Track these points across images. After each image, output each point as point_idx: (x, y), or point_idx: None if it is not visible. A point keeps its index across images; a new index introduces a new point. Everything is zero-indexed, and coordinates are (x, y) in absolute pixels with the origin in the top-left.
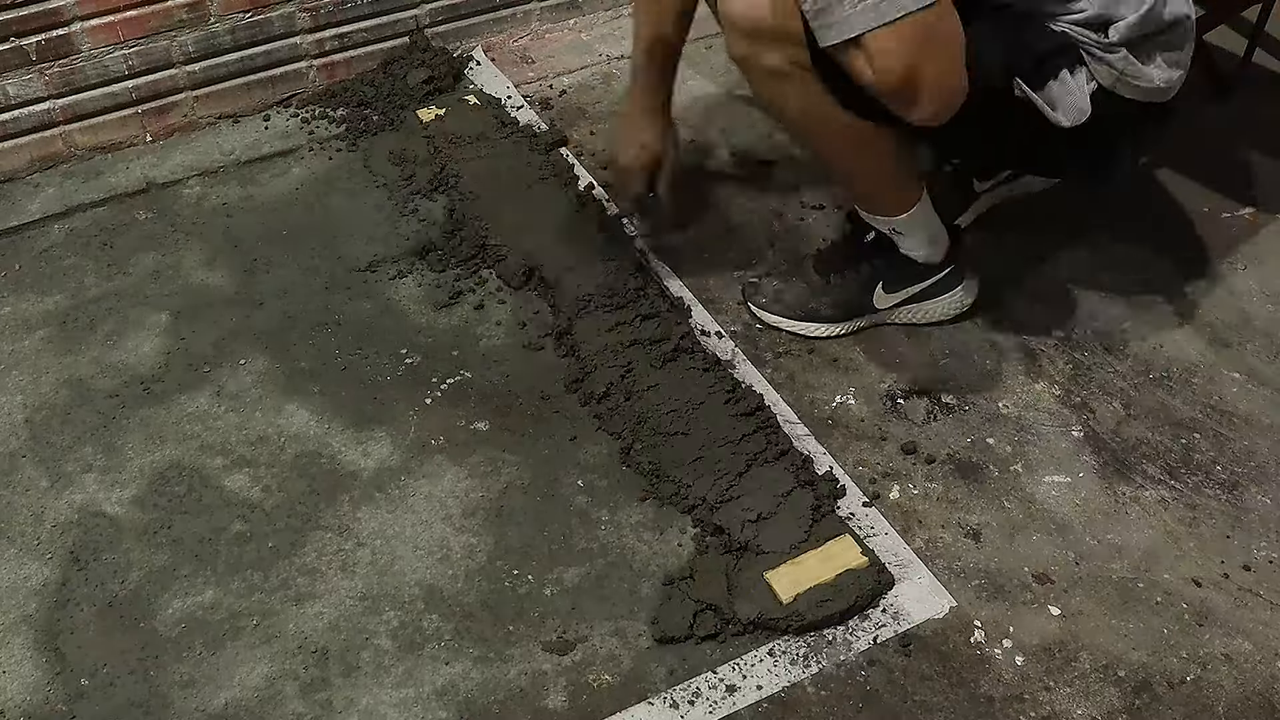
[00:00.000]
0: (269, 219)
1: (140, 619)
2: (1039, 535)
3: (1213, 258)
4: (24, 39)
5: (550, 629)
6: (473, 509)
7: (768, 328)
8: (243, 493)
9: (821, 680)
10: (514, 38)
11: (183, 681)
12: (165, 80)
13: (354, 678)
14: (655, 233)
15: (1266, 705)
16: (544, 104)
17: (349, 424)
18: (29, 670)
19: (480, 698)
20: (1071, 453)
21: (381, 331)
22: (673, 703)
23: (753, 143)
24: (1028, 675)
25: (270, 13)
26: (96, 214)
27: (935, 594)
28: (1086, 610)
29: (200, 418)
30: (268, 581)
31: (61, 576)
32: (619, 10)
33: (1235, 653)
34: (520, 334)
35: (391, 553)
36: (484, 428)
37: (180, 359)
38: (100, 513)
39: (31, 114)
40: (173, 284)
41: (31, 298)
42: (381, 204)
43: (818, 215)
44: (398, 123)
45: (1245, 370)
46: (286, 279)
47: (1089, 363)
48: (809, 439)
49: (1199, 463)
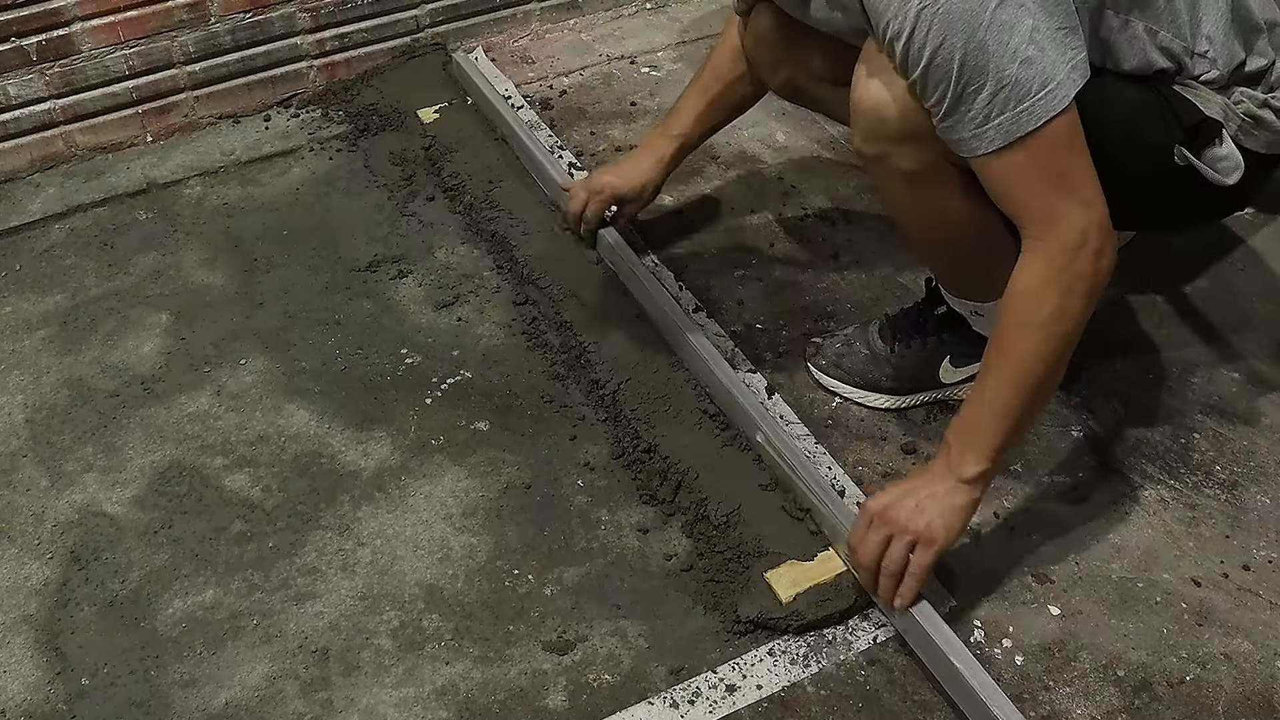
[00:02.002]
0: (269, 219)
1: (141, 619)
2: (1039, 535)
3: (1213, 258)
4: (25, 39)
5: (550, 629)
6: (473, 509)
7: (826, 391)
8: (243, 492)
9: (821, 680)
10: (514, 38)
11: (183, 681)
12: (166, 80)
13: (354, 677)
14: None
15: (1266, 705)
16: (544, 104)
17: (349, 424)
18: (29, 670)
19: (480, 697)
20: (1071, 453)
21: (381, 331)
22: (673, 702)
23: (753, 143)
24: (1027, 675)
25: (270, 13)
26: (97, 214)
27: (935, 594)
28: (1086, 610)
29: (200, 418)
30: (268, 581)
31: (62, 576)
32: (619, 10)
33: (1235, 652)
34: (520, 334)
35: (391, 552)
36: (484, 428)
37: (180, 359)
38: (101, 512)
39: (32, 114)
40: (173, 284)
41: (32, 298)
42: (381, 204)
43: (818, 216)
44: (398, 123)
45: (1245, 370)
46: (287, 279)
47: (1089, 363)
48: (809, 439)
49: (1199, 463)
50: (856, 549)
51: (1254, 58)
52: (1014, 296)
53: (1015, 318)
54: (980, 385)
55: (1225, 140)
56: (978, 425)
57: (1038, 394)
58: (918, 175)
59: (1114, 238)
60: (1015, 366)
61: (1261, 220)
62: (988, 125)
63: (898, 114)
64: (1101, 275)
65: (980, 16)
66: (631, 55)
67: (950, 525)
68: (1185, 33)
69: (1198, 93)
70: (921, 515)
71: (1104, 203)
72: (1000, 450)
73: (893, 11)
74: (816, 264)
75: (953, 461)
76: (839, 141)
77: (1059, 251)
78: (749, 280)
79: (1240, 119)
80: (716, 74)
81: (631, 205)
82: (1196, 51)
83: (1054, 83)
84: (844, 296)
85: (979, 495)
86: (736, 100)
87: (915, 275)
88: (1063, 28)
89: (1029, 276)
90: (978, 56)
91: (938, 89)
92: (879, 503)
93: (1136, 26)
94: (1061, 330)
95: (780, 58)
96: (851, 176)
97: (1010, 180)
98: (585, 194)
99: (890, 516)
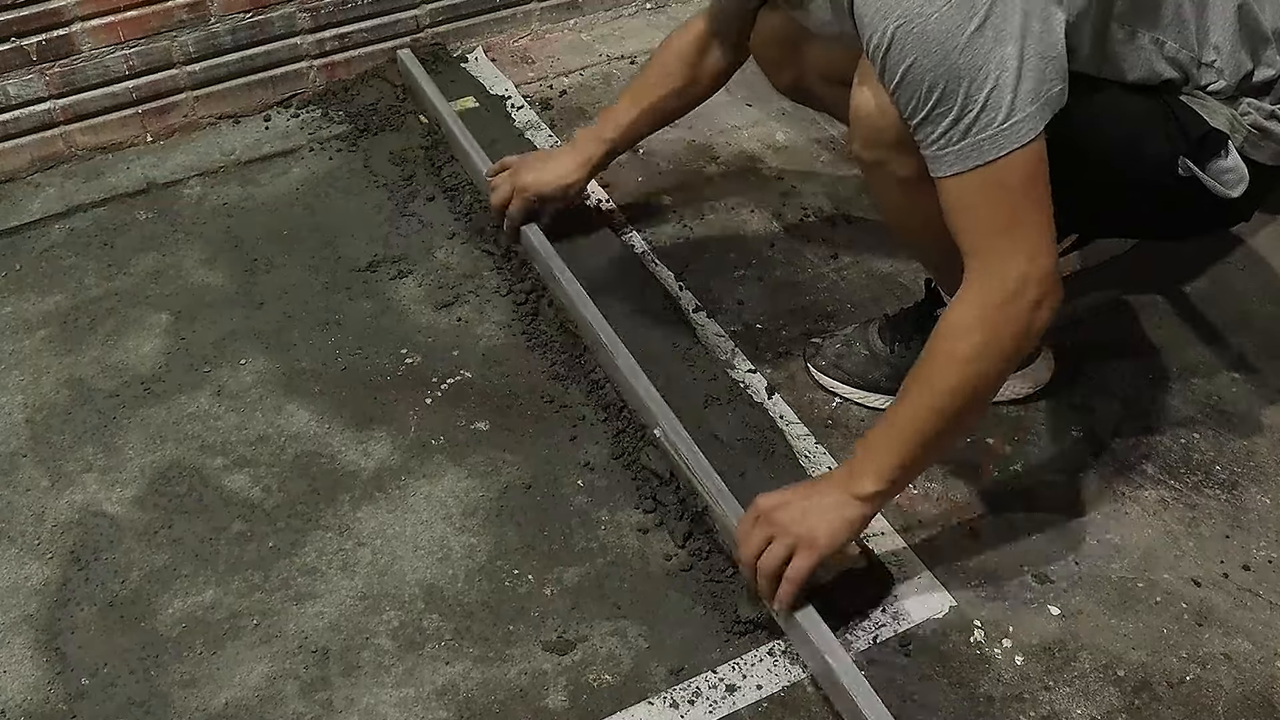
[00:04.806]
0: (269, 219)
1: (140, 619)
2: (1039, 535)
3: (1213, 258)
4: (25, 39)
5: (550, 629)
6: (473, 509)
7: (826, 392)
8: (243, 493)
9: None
10: (514, 38)
11: (183, 681)
12: (166, 80)
13: (354, 677)
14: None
15: (1266, 705)
16: (544, 104)
17: (349, 424)
18: (29, 670)
19: (480, 697)
20: (1071, 453)
21: (381, 331)
22: (673, 702)
23: (753, 143)
24: (1027, 675)
25: (270, 13)
26: (97, 214)
27: (935, 594)
28: (1086, 610)
29: (200, 418)
30: (268, 581)
31: (62, 576)
32: (619, 10)
33: (1235, 652)
34: (520, 334)
35: (391, 552)
36: (484, 428)
37: (180, 359)
38: (101, 512)
39: (32, 114)
40: (173, 284)
41: (32, 298)
42: (381, 204)
43: (818, 216)
44: (398, 123)
45: (1245, 370)
46: (287, 279)
47: (1089, 363)
48: (808, 439)
49: (1199, 462)
50: (739, 544)
51: (1262, 68)
52: (943, 324)
53: (939, 346)
54: (895, 404)
55: (1230, 152)
56: (883, 445)
57: (948, 426)
58: (914, 182)
59: (1058, 289)
60: (930, 395)
61: (1261, 220)
62: (948, 149)
63: (895, 121)
64: (1035, 327)
65: (955, 40)
66: (631, 55)
67: (834, 534)
68: (1192, 43)
69: (1204, 104)
70: (806, 521)
71: (1053, 255)
72: (901, 475)
73: (875, 25)
74: (816, 264)
75: (853, 475)
76: (839, 141)
77: (994, 293)
78: (749, 280)
79: (1246, 130)
80: (660, 80)
81: (553, 204)
82: (1203, 62)
83: (1021, 114)
84: (844, 296)
85: (870, 512)
86: (671, 110)
87: (915, 275)
88: (1043, 57)
89: (960, 311)
90: (948, 80)
91: (909, 106)
92: (769, 501)
93: (1143, 38)
94: (982, 369)
95: (786, 58)
96: (851, 176)
97: (959, 208)
98: (509, 189)
99: (775, 517)
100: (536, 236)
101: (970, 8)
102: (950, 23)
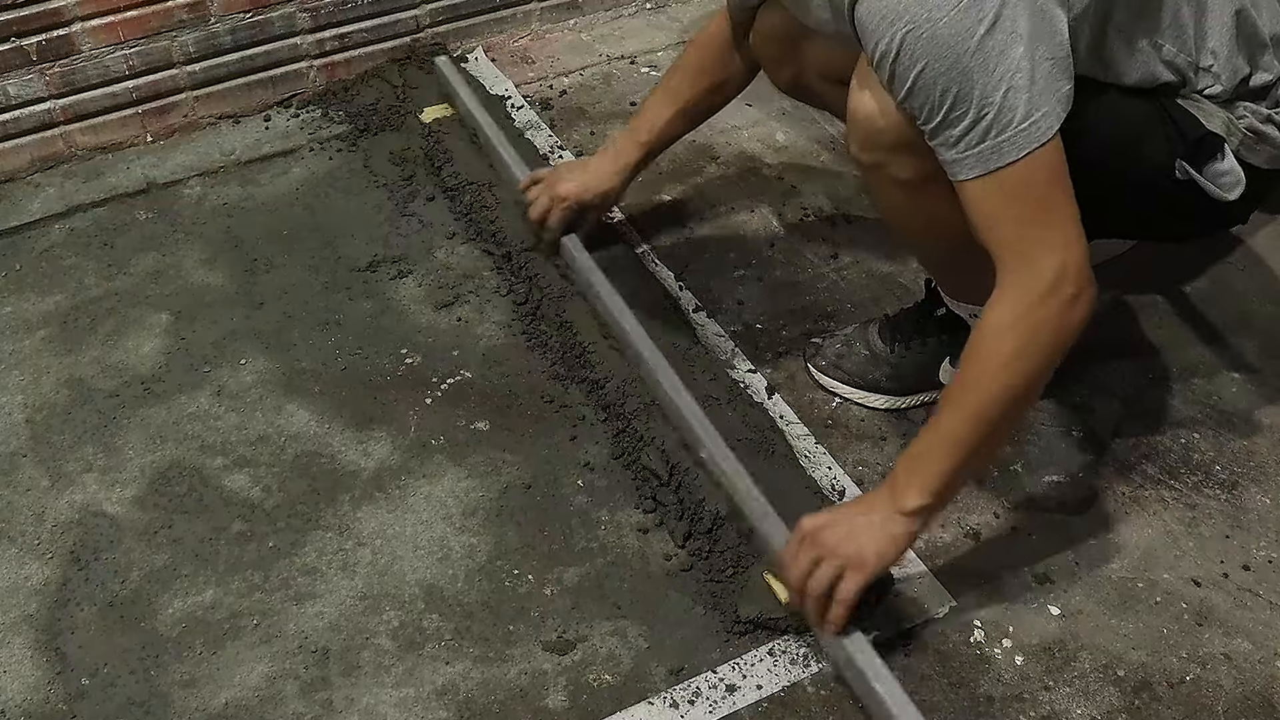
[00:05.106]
0: (269, 219)
1: (140, 619)
2: (1039, 535)
3: (1213, 258)
4: (25, 39)
5: (550, 629)
6: (473, 509)
7: (826, 392)
8: (243, 493)
9: (821, 680)
10: (514, 38)
11: (183, 681)
12: (166, 80)
13: (354, 677)
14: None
15: (1266, 705)
16: (544, 104)
17: (349, 424)
18: (29, 670)
19: (480, 697)
20: (1071, 453)
21: (381, 331)
22: (673, 702)
23: (753, 143)
24: (1027, 675)
25: (270, 13)
26: (97, 214)
27: (935, 594)
28: (1086, 610)
29: (200, 418)
30: (268, 581)
31: (62, 576)
32: (619, 10)
33: (1235, 652)
34: (520, 334)
35: (391, 552)
36: (484, 428)
37: (180, 359)
38: (100, 512)
39: (32, 114)
40: (173, 284)
41: (32, 298)
42: (381, 204)
43: (818, 216)
44: (398, 123)
45: (1245, 370)
46: (287, 279)
47: (1089, 363)
48: (808, 439)
49: (1198, 462)
50: (787, 567)
51: (1259, 72)
52: (980, 330)
53: (978, 352)
54: (936, 417)
55: (1227, 155)
56: (926, 457)
57: (992, 433)
58: (913, 184)
59: (1093, 285)
60: (972, 402)
61: (1261, 220)
62: (967, 153)
63: (893, 124)
64: (1073, 323)
65: (966, 43)
66: (631, 55)
67: (882, 554)
68: (1190, 46)
69: (1200, 107)
70: (853, 541)
71: (1084, 245)
72: (946, 486)
73: (881, 32)
74: (816, 264)
75: (896, 491)
76: (839, 141)
77: (1030, 291)
78: (749, 280)
79: (1243, 134)
80: (693, 79)
81: (594, 213)
82: (1201, 65)
83: (1038, 114)
84: (844, 296)
85: (917, 529)
86: (705, 108)
87: (915, 275)
88: (1052, 58)
89: (998, 312)
90: (961, 84)
91: (923, 111)
92: (814, 523)
93: (1141, 41)
94: (1024, 370)
95: (786, 55)
96: (851, 176)
97: (986, 211)
98: (548, 201)
99: (821, 539)
100: (577, 248)
101: (979, 11)
102: (960, 26)
